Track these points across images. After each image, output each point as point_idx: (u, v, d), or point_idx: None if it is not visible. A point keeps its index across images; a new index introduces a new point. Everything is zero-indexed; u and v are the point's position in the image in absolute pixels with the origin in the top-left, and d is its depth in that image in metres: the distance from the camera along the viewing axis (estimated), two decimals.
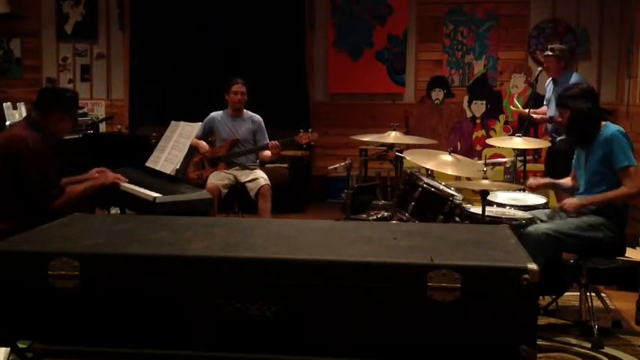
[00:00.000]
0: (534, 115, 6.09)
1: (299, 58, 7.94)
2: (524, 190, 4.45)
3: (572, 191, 4.04)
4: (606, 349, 3.53)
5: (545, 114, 6.10)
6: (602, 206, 3.70)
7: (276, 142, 5.39)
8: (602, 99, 7.31)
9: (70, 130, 3.87)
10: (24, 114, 6.27)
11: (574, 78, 5.88)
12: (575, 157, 4.03)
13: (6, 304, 2.20)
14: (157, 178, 4.21)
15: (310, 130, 5.57)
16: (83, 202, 3.96)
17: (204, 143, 5.55)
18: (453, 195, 4.04)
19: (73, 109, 3.77)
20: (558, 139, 5.73)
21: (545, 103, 6.21)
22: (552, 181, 4.31)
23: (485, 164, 4.49)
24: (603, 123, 3.80)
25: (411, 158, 4.36)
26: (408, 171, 4.42)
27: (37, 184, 3.47)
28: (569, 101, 3.82)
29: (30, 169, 3.45)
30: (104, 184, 3.89)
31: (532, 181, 4.31)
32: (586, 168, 3.82)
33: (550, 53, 5.97)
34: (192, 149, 5.20)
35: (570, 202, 3.77)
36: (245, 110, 5.63)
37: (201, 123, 5.33)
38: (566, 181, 4.16)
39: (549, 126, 6.08)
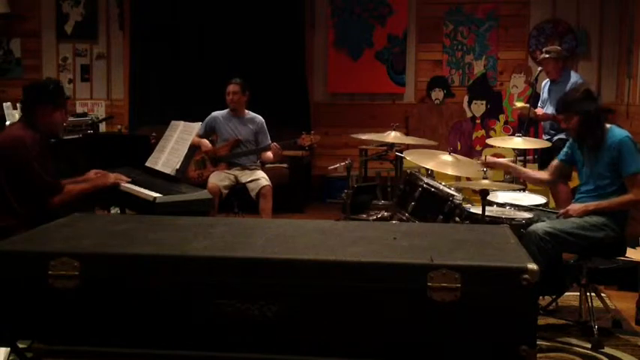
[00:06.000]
0: (537, 112, 6.01)
1: (299, 58, 7.93)
2: (524, 190, 4.45)
3: (538, 184, 4.00)
4: (606, 349, 3.52)
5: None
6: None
7: (277, 144, 5.38)
8: (602, 99, 7.36)
9: (64, 121, 3.76)
10: None
11: (573, 77, 5.85)
12: (565, 152, 3.99)
13: (6, 304, 2.20)
14: (156, 178, 4.21)
15: (312, 132, 5.56)
16: (83, 202, 3.95)
17: (207, 142, 5.51)
18: (453, 195, 4.03)
19: (59, 99, 3.65)
20: (555, 138, 5.70)
21: (540, 104, 6.12)
22: (512, 165, 4.27)
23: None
24: (608, 126, 3.76)
25: (411, 158, 4.35)
26: (408, 171, 4.42)
27: (36, 180, 3.47)
28: (575, 106, 3.74)
29: (29, 167, 3.45)
30: (104, 184, 3.89)
31: (489, 158, 4.25)
32: (592, 172, 3.77)
33: (547, 55, 5.90)
34: (193, 148, 5.19)
35: (575, 207, 3.74)
36: (247, 111, 5.61)
37: (201, 122, 5.32)
38: (536, 173, 4.10)
39: (546, 124, 6.02)
